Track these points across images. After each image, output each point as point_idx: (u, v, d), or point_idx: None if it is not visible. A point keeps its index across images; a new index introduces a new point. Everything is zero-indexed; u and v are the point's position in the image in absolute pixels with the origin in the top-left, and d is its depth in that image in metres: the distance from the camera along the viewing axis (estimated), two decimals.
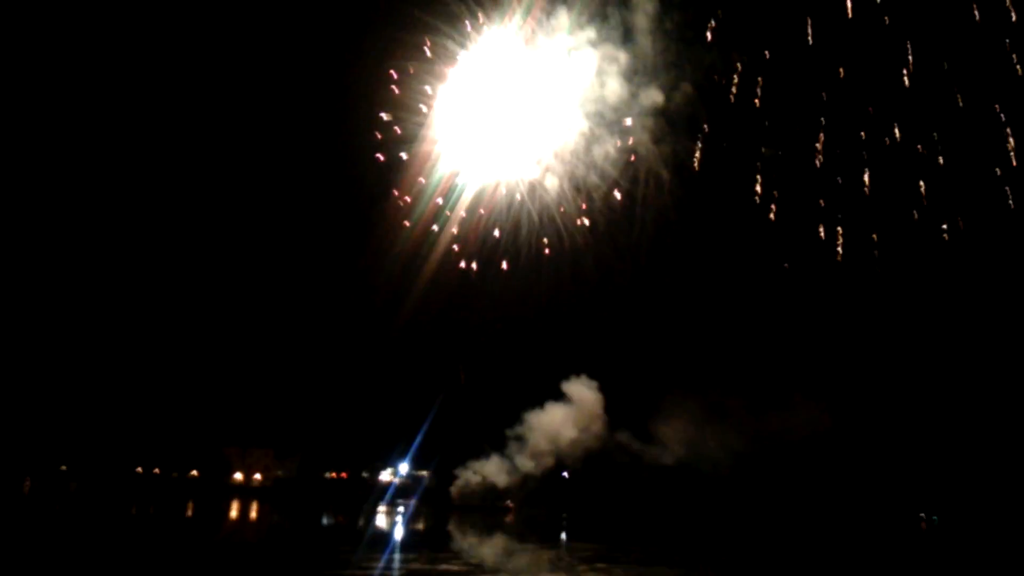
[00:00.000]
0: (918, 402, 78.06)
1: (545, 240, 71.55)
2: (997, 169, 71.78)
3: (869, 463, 79.06)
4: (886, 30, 72.37)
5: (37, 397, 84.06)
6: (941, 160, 72.26)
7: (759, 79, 72.53)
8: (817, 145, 74.48)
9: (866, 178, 76.69)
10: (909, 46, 71.36)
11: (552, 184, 71.64)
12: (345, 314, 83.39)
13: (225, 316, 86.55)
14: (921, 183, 73.39)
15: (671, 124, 70.66)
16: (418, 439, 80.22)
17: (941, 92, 72.06)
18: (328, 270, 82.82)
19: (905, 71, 72.63)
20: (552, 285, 75.88)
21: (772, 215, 75.74)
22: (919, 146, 72.72)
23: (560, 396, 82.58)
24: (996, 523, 71.88)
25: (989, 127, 72.04)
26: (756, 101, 72.97)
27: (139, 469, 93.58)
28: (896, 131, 73.98)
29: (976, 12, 68.27)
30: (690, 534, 64.71)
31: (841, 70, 72.73)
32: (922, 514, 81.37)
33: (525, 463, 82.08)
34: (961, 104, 71.73)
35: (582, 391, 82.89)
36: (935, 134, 72.73)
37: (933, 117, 72.46)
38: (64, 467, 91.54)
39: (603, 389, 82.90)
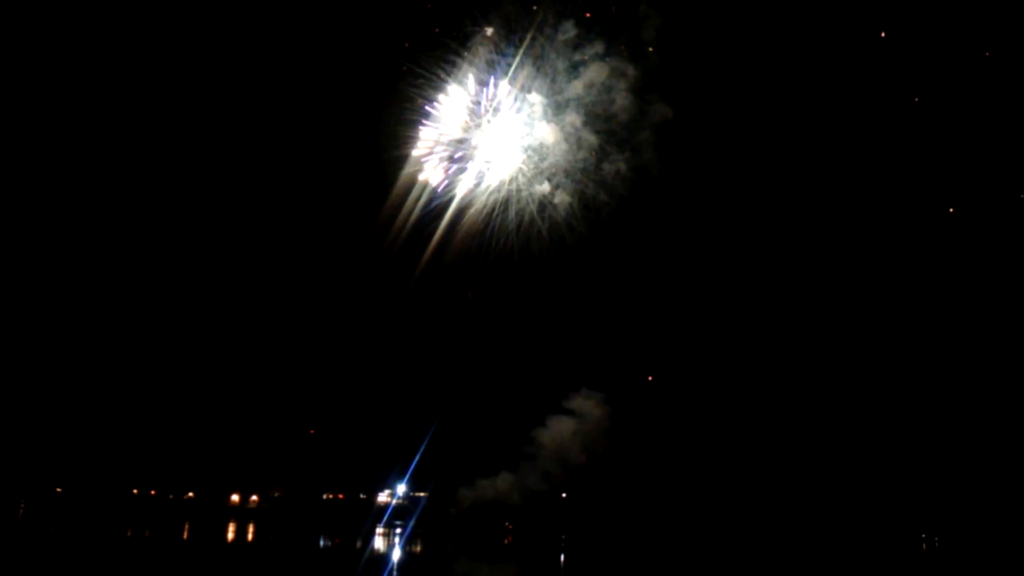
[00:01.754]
0: (919, 413, 77.76)
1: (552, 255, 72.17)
2: None
3: (869, 478, 78.55)
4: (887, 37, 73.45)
5: (30, 420, 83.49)
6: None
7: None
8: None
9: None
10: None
11: (561, 201, 72.15)
12: (341, 334, 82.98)
13: (220, 337, 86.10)
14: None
15: (680, 138, 71.47)
16: (416, 459, 79.63)
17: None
18: (320, 283, 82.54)
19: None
20: (559, 302, 75.83)
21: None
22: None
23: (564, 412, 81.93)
24: (1002, 544, 71.36)
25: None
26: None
27: (135, 491, 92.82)
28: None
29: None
30: (692, 552, 64.20)
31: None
32: (923, 534, 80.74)
33: (535, 482, 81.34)
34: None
35: (586, 406, 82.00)
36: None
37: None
38: (59, 489, 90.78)
39: (608, 402, 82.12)
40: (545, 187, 72.30)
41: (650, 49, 69.31)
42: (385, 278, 76.36)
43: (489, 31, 67.80)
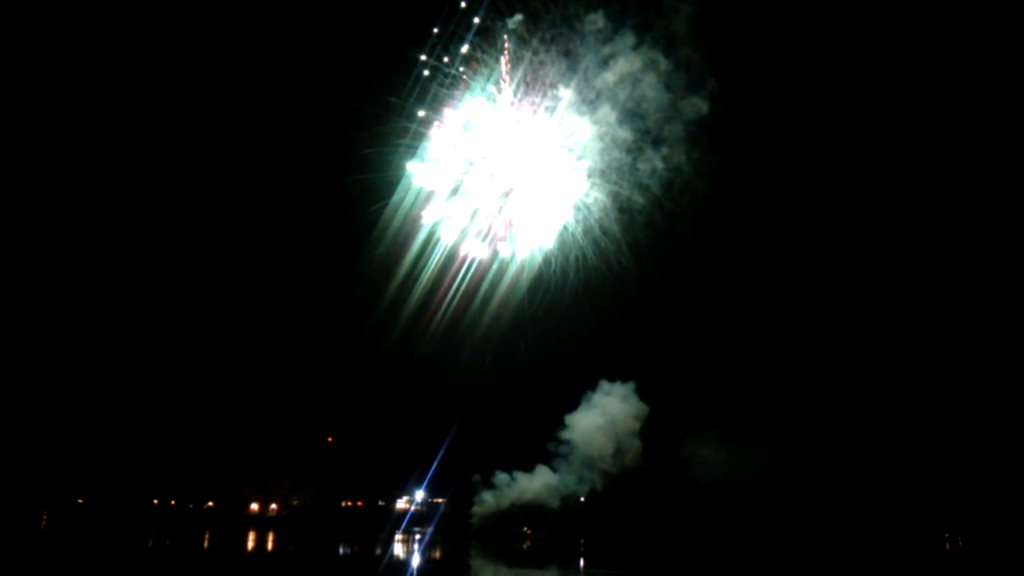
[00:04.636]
0: (944, 413, 77.08)
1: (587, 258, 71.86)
2: None
3: (893, 478, 77.82)
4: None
5: (52, 431, 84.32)
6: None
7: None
8: None
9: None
10: None
11: (596, 202, 71.70)
12: (359, 341, 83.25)
13: (238, 347, 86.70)
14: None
15: (713, 133, 70.72)
16: (434, 466, 79.71)
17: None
18: (340, 293, 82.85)
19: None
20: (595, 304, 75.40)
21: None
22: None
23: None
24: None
25: None
26: None
27: (155, 501, 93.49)
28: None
29: None
30: (716, 557, 63.73)
31: None
32: (947, 534, 79.92)
33: (568, 481, 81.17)
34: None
35: (619, 401, 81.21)
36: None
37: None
38: (81, 500, 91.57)
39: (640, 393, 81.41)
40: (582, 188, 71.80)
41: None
42: (398, 285, 76.60)
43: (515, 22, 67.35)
